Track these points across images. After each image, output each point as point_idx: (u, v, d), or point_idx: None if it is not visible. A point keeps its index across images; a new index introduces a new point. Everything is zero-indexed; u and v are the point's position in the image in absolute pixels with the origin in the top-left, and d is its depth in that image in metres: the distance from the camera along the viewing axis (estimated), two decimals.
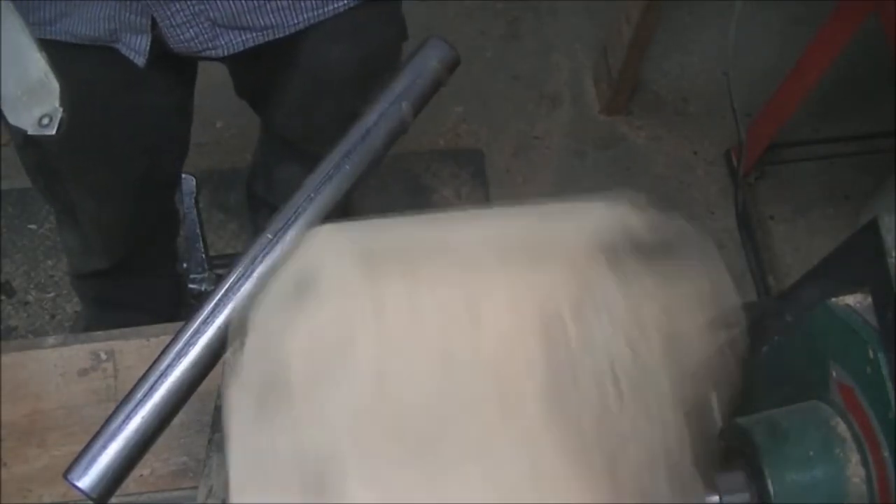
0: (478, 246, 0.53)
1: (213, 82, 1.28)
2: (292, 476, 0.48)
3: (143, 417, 0.55)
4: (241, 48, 1.01)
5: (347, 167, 0.59)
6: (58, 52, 0.97)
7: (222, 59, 1.05)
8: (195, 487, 0.70)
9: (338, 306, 0.51)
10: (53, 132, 0.62)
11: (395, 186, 1.96)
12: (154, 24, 0.96)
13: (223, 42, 1.00)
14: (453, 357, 0.49)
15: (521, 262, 0.52)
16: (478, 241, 0.54)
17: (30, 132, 0.62)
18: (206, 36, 0.98)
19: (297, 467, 0.48)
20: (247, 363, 0.51)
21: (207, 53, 1.01)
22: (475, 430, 0.48)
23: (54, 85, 0.62)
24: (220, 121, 2.01)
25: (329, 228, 0.56)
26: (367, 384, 0.49)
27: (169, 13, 0.95)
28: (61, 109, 0.62)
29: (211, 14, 0.96)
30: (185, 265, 0.86)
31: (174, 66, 1.10)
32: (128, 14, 0.95)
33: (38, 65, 0.63)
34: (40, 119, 0.62)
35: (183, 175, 1.04)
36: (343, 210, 0.60)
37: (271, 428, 0.49)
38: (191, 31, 0.97)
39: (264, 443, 0.49)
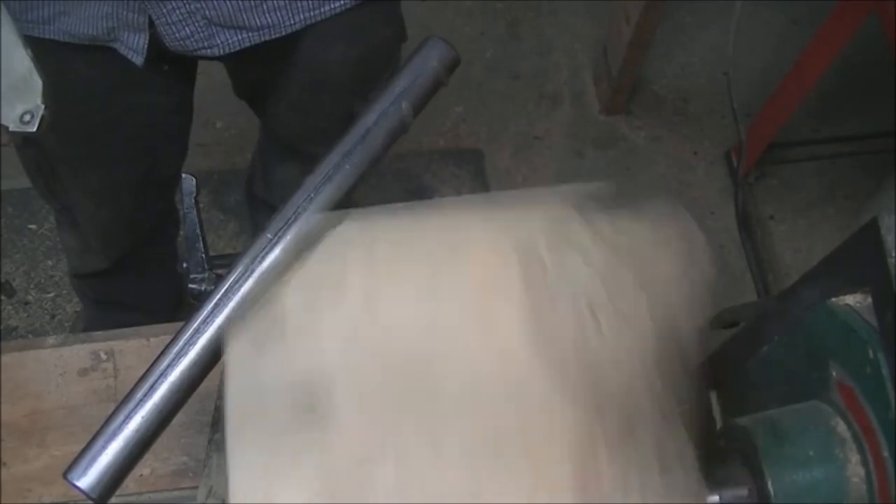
0: (462, 205, 0.58)
1: (213, 82, 1.28)
2: (285, 401, 0.50)
3: (143, 417, 0.55)
4: (238, 47, 1.01)
5: (347, 167, 0.59)
6: (56, 52, 0.98)
7: (220, 59, 1.05)
8: (195, 487, 0.71)
9: (330, 246, 0.54)
10: (34, 129, 0.62)
11: (395, 186, 1.96)
12: (151, 22, 0.96)
13: (219, 41, 1.00)
14: (438, 286, 0.52)
15: (500, 213, 0.56)
16: (462, 203, 0.58)
17: (11, 129, 0.62)
18: (201, 35, 0.98)
19: (289, 393, 0.50)
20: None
21: (204, 52, 1.01)
22: (459, 354, 0.50)
23: (38, 82, 0.62)
24: (220, 121, 2.01)
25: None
26: (357, 312, 0.51)
27: (165, 11, 0.95)
28: (43, 107, 0.62)
29: (207, 13, 0.96)
30: (184, 265, 0.86)
31: (173, 65, 1.10)
32: (125, 12, 0.95)
33: (22, 61, 0.63)
34: (22, 115, 0.62)
35: (183, 175, 1.04)
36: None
37: (266, 358, 0.51)
38: (186, 29, 0.97)
39: (259, 371, 0.51)
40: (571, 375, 0.50)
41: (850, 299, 0.60)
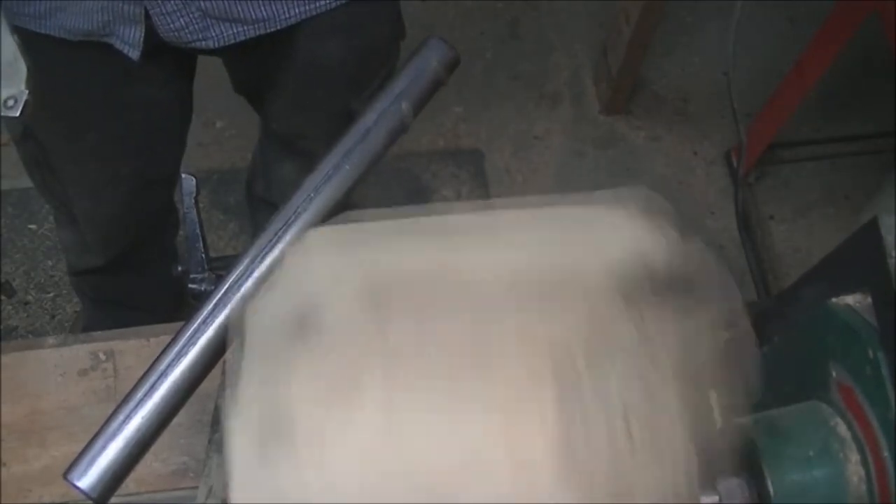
0: (488, 279, 0.51)
1: (213, 83, 1.28)
2: None
3: (143, 417, 0.55)
4: (233, 41, 1.01)
5: (347, 167, 0.59)
6: (53, 48, 0.98)
7: (215, 52, 1.04)
8: (195, 487, 0.70)
9: (342, 348, 0.49)
10: (17, 114, 0.63)
11: (395, 186, 1.96)
12: (147, 14, 0.96)
13: (214, 34, 1.00)
14: (463, 403, 0.48)
15: (534, 300, 0.50)
16: (489, 272, 0.52)
17: None
18: (196, 26, 0.98)
19: None
20: (248, 399, 0.49)
21: (199, 44, 1.01)
22: (485, 485, 0.47)
23: (22, 68, 0.63)
24: (220, 121, 2.01)
25: (326, 241, 0.55)
26: (374, 431, 0.47)
27: (159, 0, 0.95)
28: (27, 92, 0.63)
29: (201, 4, 0.96)
30: (180, 268, 0.86)
31: (171, 60, 1.10)
32: (121, 4, 0.95)
33: (8, 47, 0.63)
34: (6, 101, 0.62)
35: (183, 175, 1.04)
36: (343, 210, 0.60)
37: (274, 472, 0.48)
38: (181, 20, 0.97)
39: (267, 486, 0.48)
40: None
41: (850, 299, 0.60)
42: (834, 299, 0.60)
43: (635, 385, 0.49)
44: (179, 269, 0.85)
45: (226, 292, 0.56)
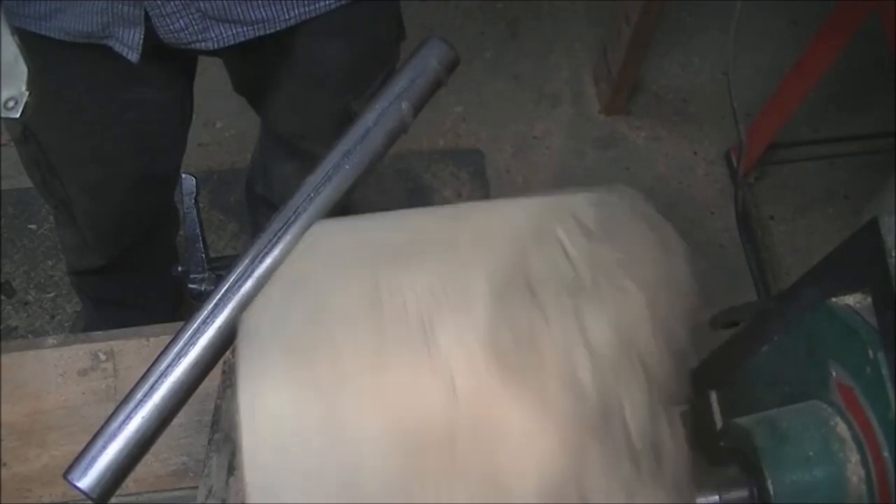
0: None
1: (213, 83, 1.28)
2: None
3: (143, 417, 0.55)
4: (233, 41, 1.01)
5: (347, 167, 0.59)
6: (54, 50, 0.98)
7: (215, 53, 1.04)
8: (195, 487, 0.71)
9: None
10: (17, 115, 0.63)
11: (395, 186, 1.96)
12: (147, 16, 0.96)
13: (214, 34, 1.00)
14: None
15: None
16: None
17: None
18: (196, 27, 0.98)
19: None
20: None
21: (198, 46, 1.01)
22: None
23: (23, 69, 0.63)
24: (220, 121, 2.01)
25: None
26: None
27: (159, 2, 0.95)
28: (27, 93, 0.63)
29: (201, 5, 0.96)
30: (180, 268, 0.86)
31: (171, 61, 1.10)
32: (120, 6, 0.95)
33: (8, 48, 0.63)
34: (6, 102, 0.62)
35: (183, 175, 1.04)
36: (343, 210, 0.60)
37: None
38: (181, 21, 0.97)
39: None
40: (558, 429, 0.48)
41: (850, 299, 0.60)
42: (834, 299, 0.60)
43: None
44: (179, 269, 0.84)
45: (226, 292, 0.56)
